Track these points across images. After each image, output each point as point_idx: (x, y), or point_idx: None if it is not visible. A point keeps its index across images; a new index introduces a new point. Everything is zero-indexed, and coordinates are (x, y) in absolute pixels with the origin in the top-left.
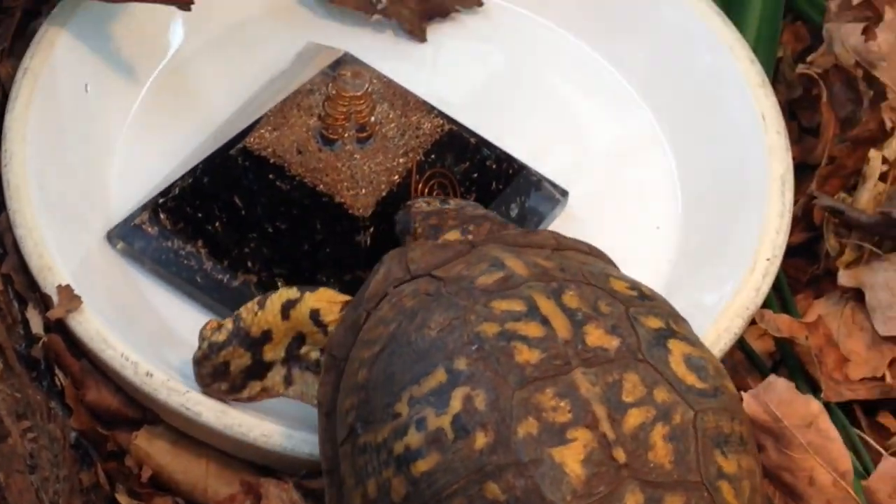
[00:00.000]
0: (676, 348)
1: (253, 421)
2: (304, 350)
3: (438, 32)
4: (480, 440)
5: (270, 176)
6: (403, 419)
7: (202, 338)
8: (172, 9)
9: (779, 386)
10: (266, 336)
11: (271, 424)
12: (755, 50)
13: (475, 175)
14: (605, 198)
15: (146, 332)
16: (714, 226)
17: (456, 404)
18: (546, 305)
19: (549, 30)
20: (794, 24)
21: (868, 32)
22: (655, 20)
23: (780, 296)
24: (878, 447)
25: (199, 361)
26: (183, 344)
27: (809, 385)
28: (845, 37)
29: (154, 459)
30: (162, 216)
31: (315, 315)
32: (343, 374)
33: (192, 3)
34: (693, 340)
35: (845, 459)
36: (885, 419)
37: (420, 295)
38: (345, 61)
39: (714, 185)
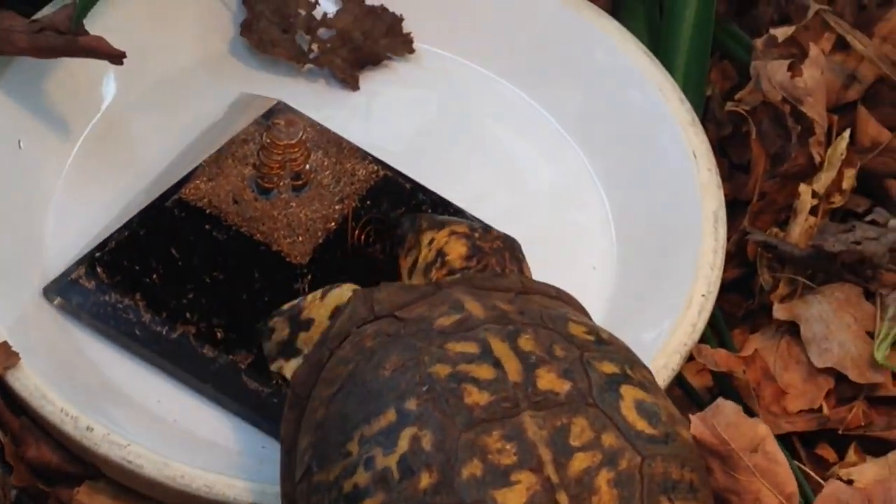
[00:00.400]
0: (628, 394)
1: (195, 472)
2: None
3: (371, 80)
4: (425, 480)
5: (207, 226)
6: (353, 458)
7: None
8: (105, 63)
9: (726, 409)
10: (309, 323)
11: (213, 475)
12: (684, 90)
13: None
14: (541, 240)
15: (85, 386)
16: (650, 264)
17: (403, 444)
18: (500, 348)
19: (481, 75)
20: (722, 63)
21: (794, 69)
22: (586, 63)
23: (717, 331)
24: (817, 478)
25: (266, 330)
26: (123, 397)
27: None
28: (772, 74)
29: None
30: (99, 270)
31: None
32: (304, 411)
33: (125, 56)
34: (648, 387)
35: (791, 483)
36: (824, 451)
37: (381, 335)
38: (278, 110)
39: (648, 224)
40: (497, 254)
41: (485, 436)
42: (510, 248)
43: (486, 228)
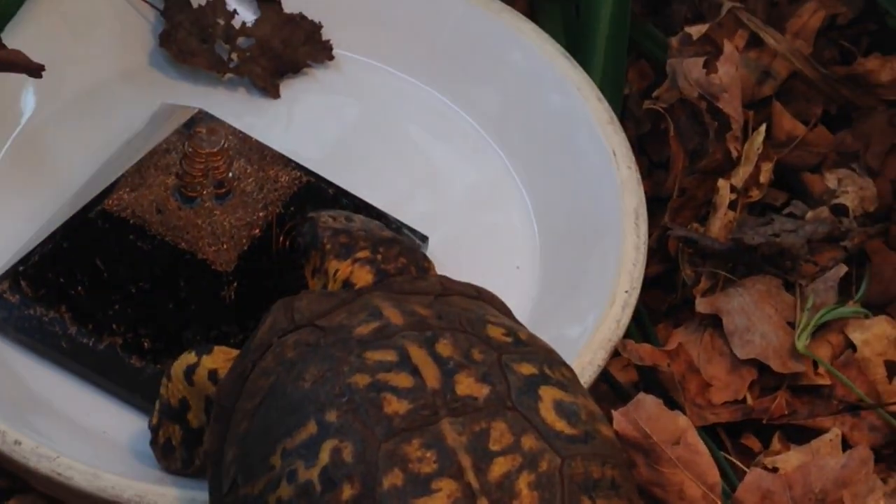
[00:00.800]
0: (547, 395)
1: (126, 482)
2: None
3: (292, 88)
4: (346, 492)
5: (131, 237)
6: (276, 472)
7: (148, 425)
8: (23, 77)
9: (647, 403)
10: (185, 404)
11: (144, 484)
12: (602, 89)
13: None
14: (464, 241)
15: (12, 400)
16: (573, 262)
17: (325, 457)
18: (417, 355)
19: (400, 80)
20: (639, 62)
21: (709, 66)
22: (504, 65)
23: (641, 326)
24: (743, 468)
25: (152, 448)
26: (51, 410)
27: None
28: (688, 71)
29: None
30: (23, 284)
31: (213, 376)
32: (230, 424)
33: (43, 69)
34: (567, 386)
35: (713, 472)
36: (749, 441)
37: (301, 346)
38: (200, 119)
39: (570, 222)
40: (402, 271)
41: (405, 445)
42: (414, 262)
43: (390, 243)
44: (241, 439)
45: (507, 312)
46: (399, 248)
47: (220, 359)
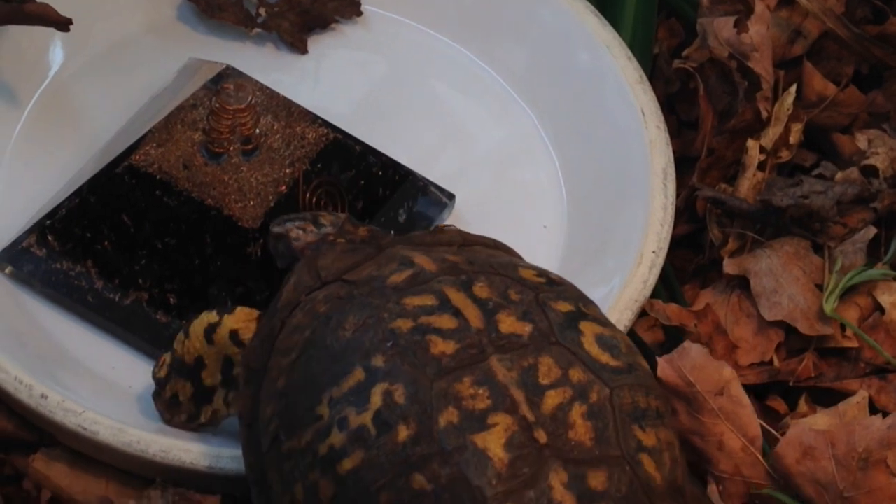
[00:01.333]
0: (588, 329)
1: (151, 437)
2: (235, 372)
3: (319, 44)
4: (403, 433)
5: (157, 192)
6: (325, 421)
7: (153, 376)
8: (51, 30)
9: (693, 351)
10: (200, 362)
11: (169, 439)
12: (632, 47)
13: (362, 182)
14: (491, 199)
15: (39, 354)
16: (600, 222)
17: (376, 400)
18: (457, 297)
19: (428, 36)
20: (669, 21)
21: (740, 25)
22: (533, 22)
23: (668, 287)
24: (770, 429)
25: (155, 399)
26: (76, 364)
27: None
28: (718, 30)
29: (53, 481)
30: (50, 238)
31: (235, 336)
32: (262, 384)
33: (71, 23)
34: (603, 321)
35: (754, 426)
36: (775, 402)
37: (333, 299)
38: (227, 75)
39: (598, 181)
40: None
41: (456, 383)
42: None
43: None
44: (279, 395)
45: (521, 259)
46: (376, 245)
47: (242, 319)
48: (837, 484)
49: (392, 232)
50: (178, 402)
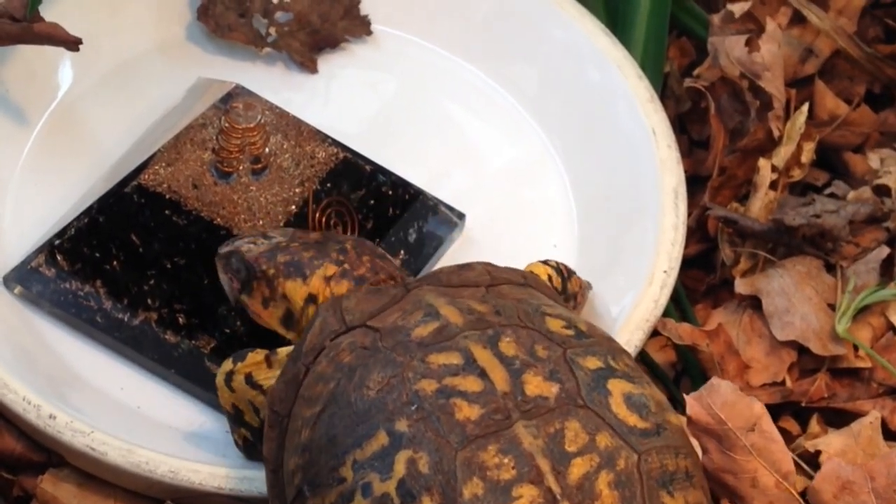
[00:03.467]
0: (616, 388)
1: (159, 458)
2: (262, 414)
3: (329, 63)
4: None
5: (167, 212)
6: (349, 484)
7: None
8: (61, 50)
9: (722, 388)
10: (237, 409)
11: (177, 461)
12: (643, 66)
13: (372, 202)
14: (501, 219)
15: (47, 374)
16: (611, 241)
17: (400, 468)
18: (483, 356)
19: (438, 55)
20: (680, 40)
21: (751, 44)
22: (544, 41)
23: (679, 307)
24: (802, 464)
25: (239, 449)
26: (85, 385)
27: None
28: (730, 49)
29: (61, 502)
30: (59, 258)
31: (249, 379)
32: (287, 430)
33: (80, 42)
34: (633, 377)
35: (787, 461)
36: (787, 423)
37: (357, 349)
38: (236, 94)
39: (609, 200)
40: (375, 271)
41: (481, 452)
42: (381, 257)
43: (329, 243)
44: (303, 448)
45: (553, 297)
46: (352, 242)
47: (251, 362)
48: None
49: (402, 252)
50: (251, 444)
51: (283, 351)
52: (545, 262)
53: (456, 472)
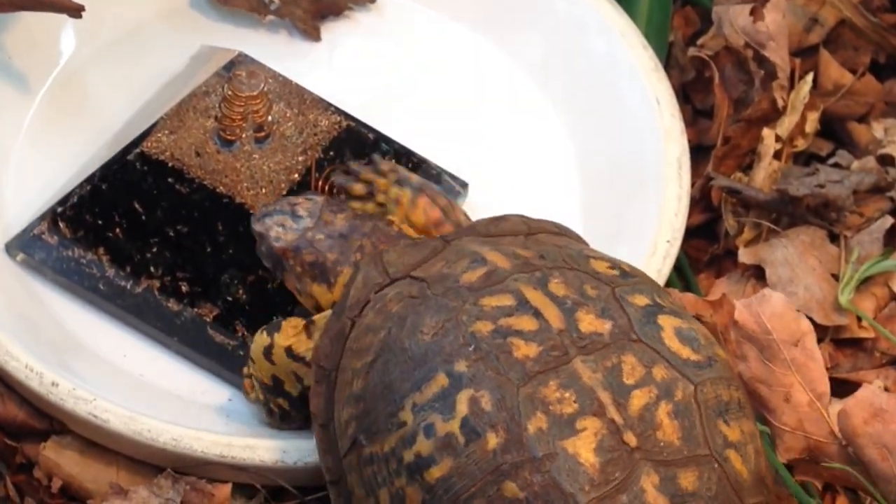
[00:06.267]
0: (667, 323)
1: (162, 426)
2: (306, 383)
3: (333, 31)
4: (492, 441)
5: (169, 179)
6: (410, 427)
7: (250, 401)
8: (63, 17)
9: (773, 299)
10: (277, 379)
11: (180, 429)
12: (647, 35)
13: None
14: (505, 187)
15: (50, 341)
16: (614, 211)
17: (462, 408)
18: (535, 296)
19: (442, 24)
20: (684, 9)
21: (756, 13)
22: (548, 10)
23: (682, 277)
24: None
25: (269, 421)
26: (87, 352)
27: None
28: (734, 18)
29: (64, 470)
30: (61, 225)
31: (290, 352)
32: (335, 384)
33: (83, 9)
34: (680, 312)
35: (824, 382)
36: None
37: (405, 298)
38: (239, 62)
39: (612, 170)
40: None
41: (542, 388)
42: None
43: (361, 248)
44: (356, 398)
45: (585, 244)
46: (373, 223)
47: (290, 333)
48: None
49: None
50: (287, 413)
51: (322, 317)
52: None
53: (519, 408)
